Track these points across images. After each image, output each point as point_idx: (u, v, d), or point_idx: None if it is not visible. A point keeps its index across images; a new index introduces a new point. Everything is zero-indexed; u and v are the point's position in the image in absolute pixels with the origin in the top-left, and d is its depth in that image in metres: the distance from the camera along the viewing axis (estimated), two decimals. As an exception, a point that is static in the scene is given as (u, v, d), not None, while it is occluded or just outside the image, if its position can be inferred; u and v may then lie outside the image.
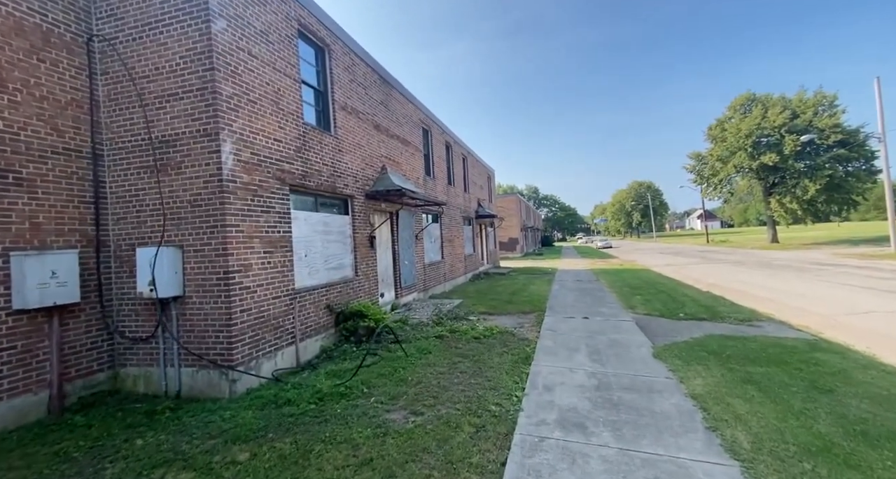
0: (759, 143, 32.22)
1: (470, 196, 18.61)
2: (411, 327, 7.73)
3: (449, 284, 14.24)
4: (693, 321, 8.37)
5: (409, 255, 10.60)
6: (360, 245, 7.99)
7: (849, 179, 29.45)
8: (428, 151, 13.23)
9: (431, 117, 13.36)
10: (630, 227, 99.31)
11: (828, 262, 18.75)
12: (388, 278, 9.40)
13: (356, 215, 7.90)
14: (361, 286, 7.90)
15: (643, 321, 8.59)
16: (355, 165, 7.97)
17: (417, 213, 11.44)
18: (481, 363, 5.73)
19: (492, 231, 23.67)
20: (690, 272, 18.10)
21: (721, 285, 13.32)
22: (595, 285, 14.85)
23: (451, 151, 15.90)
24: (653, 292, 12.39)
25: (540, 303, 11.04)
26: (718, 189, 37.06)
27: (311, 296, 6.25)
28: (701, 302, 10.23)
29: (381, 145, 9.31)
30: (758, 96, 34.59)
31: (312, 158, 6.54)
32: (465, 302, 11.14)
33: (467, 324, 8.40)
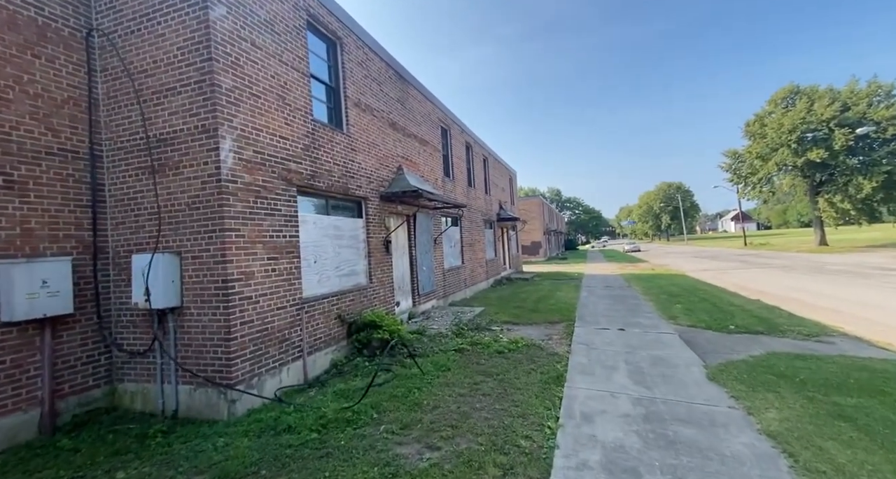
0: (805, 138, 29.91)
1: (491, 198, 17.95)
2: (429, 339, 7.15)
3: (470, 290, 13.61)
4: (748, 335, 7.40)
5: (428, 260, 10.06)
6: (375, 250, 7.50)
7: (907, 175, 26.81)
8: (447, 152, 12.71)
9: (451, 116, 12.85)
10: (658, 230, 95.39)
11: (893, 266, 16.88)
12: (405, 284, 8.89)
13: (370, 218, 7.43)
14: (376, 294, 7.40)
15: (688, 334, 7.68)
16: (369, 166, 7.52)
17: (436, 216, 10.91)
18: (507, 383, 5.08)
19: (514, 235, 22.88)
20: (732, 278, 16.70)
21: (771, 293, 12.06)
22: (627, 291, 13.84)
23: (472, 151, 15.32)
24: (694, 299, 11.32)
25: (568, 312, 10.24)
26: (757, 189, 34.72)
27: (320, 305, 5.79)
28: (753, 312, 9.16)
29: (398, 145, 8.85)
30: (802, 89, 32.25)
31: (322, 158, 6.11)
32: (487, 310, 10.48)
33: (490, 335, 7.75)
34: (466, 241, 13.72)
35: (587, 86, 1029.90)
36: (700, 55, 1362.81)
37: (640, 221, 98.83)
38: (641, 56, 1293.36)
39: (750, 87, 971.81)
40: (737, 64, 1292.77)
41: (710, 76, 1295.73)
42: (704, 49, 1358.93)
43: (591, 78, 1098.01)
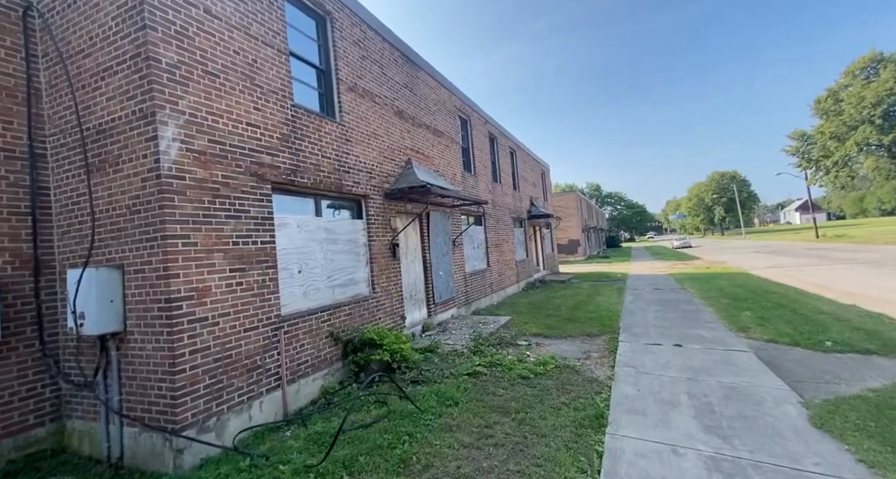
0: (893, 112, 25.75)
1: (520, 194, 16.59)
2: (440, 359, 6.09)
3: (497, 295, 12.39)
4: (854, 356, 5.68)
5: (445, 264, 9.00)
6: (379, 255, 6.56)
7: None
8: (468, 144, 11.60)
9: (471, 105, 11.72)
10: (711, 223, 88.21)
11: None
12: (417, 292, 7.89)
13: (372, 219, 6.50)
14: (380, 305, 6.45)
15: (767, 353, 6.06)
16: (370, 159, 6.60)
17: (455, 214, 9.83)
18: (528, 427, 3.91)
19: (548, 233, 21.28)
20: (809, 276, 14.20)
21: (865, 295, 9.83)
22: (681, 294, 12.01)
23: (497, 143, 14.09)
24: (767, 305, 9.42)
25: (610, 321, 8.78)
26: (832, 173, 30.45)
27: (306, 323, 4.91)
28: (852, 322, 7.26)
29: (406, 136, 7.87)
30: (886, 56, 27.87)
31: (307, 149, 5.24)
32: (514, 320, 9.24)
33: (514, 353, 6.56)
34: (492, 241, 12.52)
35: (621, 79, 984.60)
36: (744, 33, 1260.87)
37: (690, 215, 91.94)
38: (678, 43, 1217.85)
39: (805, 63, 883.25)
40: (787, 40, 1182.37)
41: (754, 57, 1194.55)
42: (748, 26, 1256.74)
43: (625, 70, 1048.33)
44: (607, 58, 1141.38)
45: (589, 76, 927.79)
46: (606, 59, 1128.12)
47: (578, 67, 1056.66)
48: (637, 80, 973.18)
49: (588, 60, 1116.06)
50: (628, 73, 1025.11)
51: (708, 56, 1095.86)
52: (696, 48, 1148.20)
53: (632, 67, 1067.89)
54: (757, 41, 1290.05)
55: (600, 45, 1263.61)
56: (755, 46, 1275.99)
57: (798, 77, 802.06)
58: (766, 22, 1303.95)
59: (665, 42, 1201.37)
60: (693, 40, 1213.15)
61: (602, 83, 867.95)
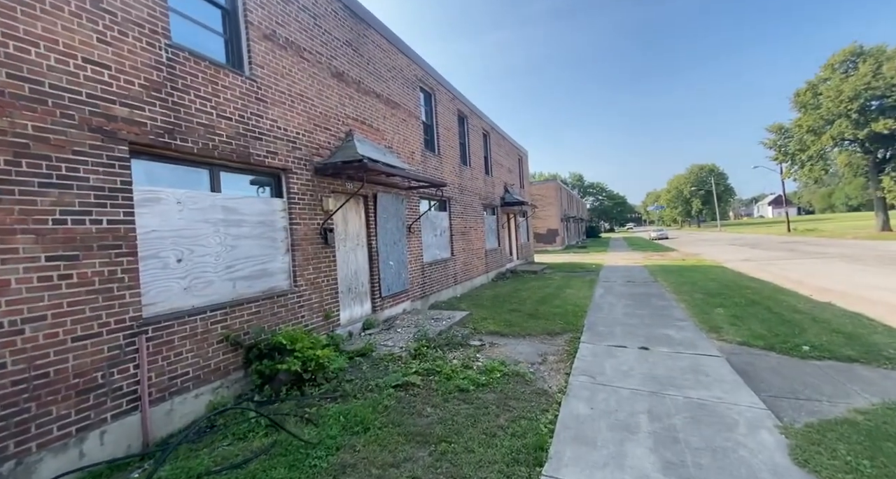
0: (869, 107, 25.79)
1: (494, 180, 15.66)
2: (370, 365, 5.19)
3: (461, 287, 11.56)
4: (834, 363, 5.07)
5: (398, 252, 8.04)
6: (304, 241, 5.54)
7: None
8: (431, 121, 10.52)
9: (436, 77, 10.59)
10: (688, 215, 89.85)
11: None
12: (359, 285, 6.92)
13: (296, 198, 5.44)
14: (305, 301, 5.47)
15: (741, 358, 5.41)
16: (294, 126, 5.49)
17: (412, 197, 8.83)
18: (447, 465, 3.06)
19: (523, 221, 20.53)
20: (783, 271, 13.92)
21: (841, 291, 9.43)
22: (653, 288, 11.46)
23: (467, 123, 13.03)
24: (741, 301, 8.88)
25: (576, 318, 8.06)
26: (807, 167, 30.64)
27: (187, 325, 3.89)
28: (829, 322, 6.71)
29: (347, 103, 6.76)
30: (867, 50, 27.78)
31: (194, 105, 4.12)
32: (472, 315, 8.42)
33: (461, 356, 5.71)
34: (458, 228, 11.60)
35: (608, 68, 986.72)
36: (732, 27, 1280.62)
37: (668, 207, 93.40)
38: (666, 35, 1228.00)
39: (788, 61, 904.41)
40: (774, 36, 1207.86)
41: (742, 52, 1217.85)
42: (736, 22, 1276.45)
43: (612, 60, 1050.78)
44: (594, 47, 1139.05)
45: (575, 65, 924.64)
46: (593, 48, 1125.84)
47: (566, 55, 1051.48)
48: (623, 71, 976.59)
49: (574, 49, 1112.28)
50: (615, 64, 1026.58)
51: (696, 49, 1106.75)
52: (684, 41, 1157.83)
53: (618, 58, 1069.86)
54: (744, 37, 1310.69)
55: (587, 34, 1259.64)
56: (741, 42, 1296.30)
57: (781, 73, 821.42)
58: (753, 18, 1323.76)
59: (650, 34, 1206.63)
60: (680, 34, 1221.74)
61: (588, 73, 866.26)
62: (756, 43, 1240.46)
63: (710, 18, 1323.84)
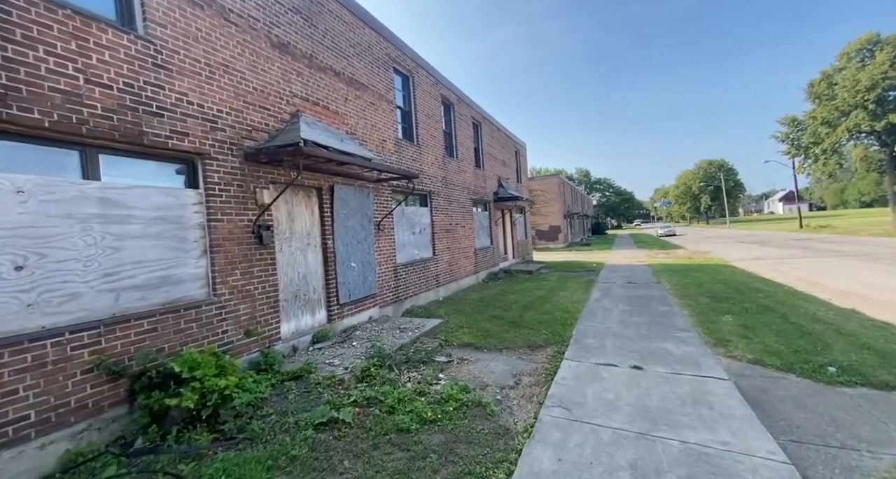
0: (886, 97, 24.35)
1: (486, 173, 14.68)
2: (301, 393, 4.29)
3: (445, 289, 10.64)
4: (869, 392, 4.10)
5: (363, 253, 7.14)
6: (228, 241, 4.65)
7: None
8: (409, 107, 9.56)
9: (414, 59, 9.62)
10: (697, 212, 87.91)
11: None
12: (310, 291, 6.03)
13: (216, 189, 4.55)
14: (230, 313, 4.58)
15: (753, 382, 4.46)
16: (214, 102, 4.59)
17: (382, 191, 7.91)
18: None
19: (520, 218, 19.52)
20: (796, 270, 12.83)
21: (866, 297, 8.38)
22: (655, 290, 10.46)
23: (454, 111, 12.05)
24: (751, 307, 7.87)
25: (563, 326, 7.12)
26: (821, 161, 29.20)
27: (26, 354, 3.02)
28: (857, 337, 5.70)
29: (294, 79, 5.84)
30: (884, 38, 26.24)
31: (45, 66, 3.23)
32: (449, 322, 7.51)
33: (417, 379, 4.80)
34: (441, 226, 10.67)
35: (614, 66, 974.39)
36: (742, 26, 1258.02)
37: (677, 203, 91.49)
38: (670, 33, 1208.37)
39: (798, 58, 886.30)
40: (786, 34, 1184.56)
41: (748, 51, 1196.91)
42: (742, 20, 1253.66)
43: (618, 58, 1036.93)
44: (601, 44, 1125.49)
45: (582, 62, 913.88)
46: (600, 45, 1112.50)
47: (571, 52, 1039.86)
48: (630, 68, 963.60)
49: (581, 46, 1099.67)
50: (622, 61, 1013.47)
51: (703, 48, 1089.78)
52: (690, 39, 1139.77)
53: (625, 55, 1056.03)
54: (751, 35, 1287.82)
55: (593, 31, 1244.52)
56: (750, 40, 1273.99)
57: (789, 72, 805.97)
58: (760, 16, 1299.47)
59: (657, 31, 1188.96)
60: (685, 31, 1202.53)
61: (595, 70, 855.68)
62: (767, 42, 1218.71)
63: (723, 16, 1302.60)
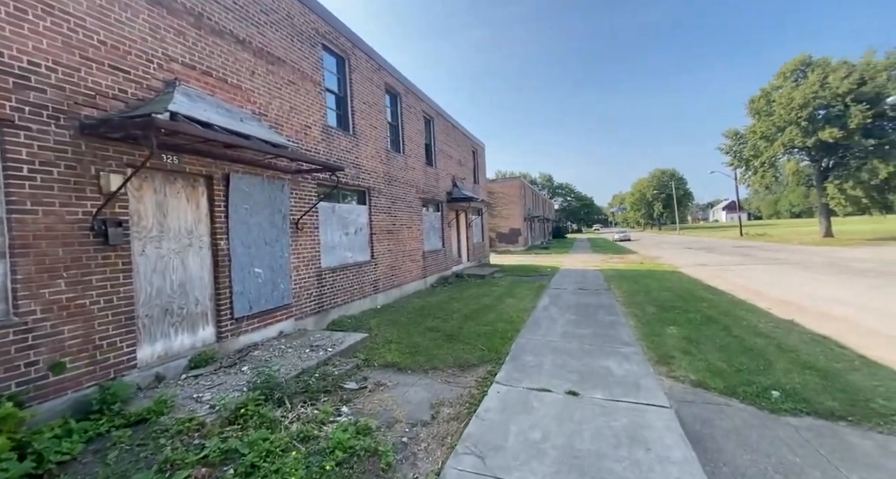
0: (816, 115, 26.25)
1: (438, 172, 13.89)
2: (126, 451, 3.20)
3: (385, 295, 9.69)
4: (815, 422, 3.67)
5: (273, 256, 6.06)
6: (47, 241, 3.48)
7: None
8: (344, 92, 8.54)
9: (351, 39, 8.63)
10: (651, 218, 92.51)
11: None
12: (188, 303, 4.89)
13: (25, 170, 3.37)
14: (43, 339, 3.41)
15: (695, 410, 3.93)
16: (25, 52, 3.41)
17: (303, 184, 6.85)
18: None
19: (477, 220, 18.93)
20: (738, 277, 13.10)
21: (802, 307, 8.41)
22: (604, 297, 10.10)
23: (401, 102, 11.15)
24: (696, 317, 7.59)
25: (503, 340, 6.42)
26: (760, 173, 31.12)
27: None
28: (798, 354, 5.41)
29: (172, 40, 4.70)
30: (815, 60, 28.37)
31: None
32: (376, 337, 6.59)
33: (307, 418, 3.85)
34: (382, 226, 9.72)
35: (579, 74, 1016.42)
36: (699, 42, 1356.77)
37: (632, 209, 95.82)
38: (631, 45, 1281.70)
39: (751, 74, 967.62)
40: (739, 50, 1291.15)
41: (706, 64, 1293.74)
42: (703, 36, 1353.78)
43: (584, 66, 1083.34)
44: (566, 52, 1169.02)
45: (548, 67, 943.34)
46: (565, 53, 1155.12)
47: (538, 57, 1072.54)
48: (594, 76, 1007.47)
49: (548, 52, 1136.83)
50: (588, 69, 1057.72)
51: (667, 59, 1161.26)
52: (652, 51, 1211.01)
53: (590, 64, 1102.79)
54: (708, 51, 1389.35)
55: (559, 40, 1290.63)
56: (706, 56, 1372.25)
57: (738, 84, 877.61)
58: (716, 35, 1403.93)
59: (620, 44, 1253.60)
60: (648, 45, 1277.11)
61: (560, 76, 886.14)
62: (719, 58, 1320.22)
63: (679, 34, 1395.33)
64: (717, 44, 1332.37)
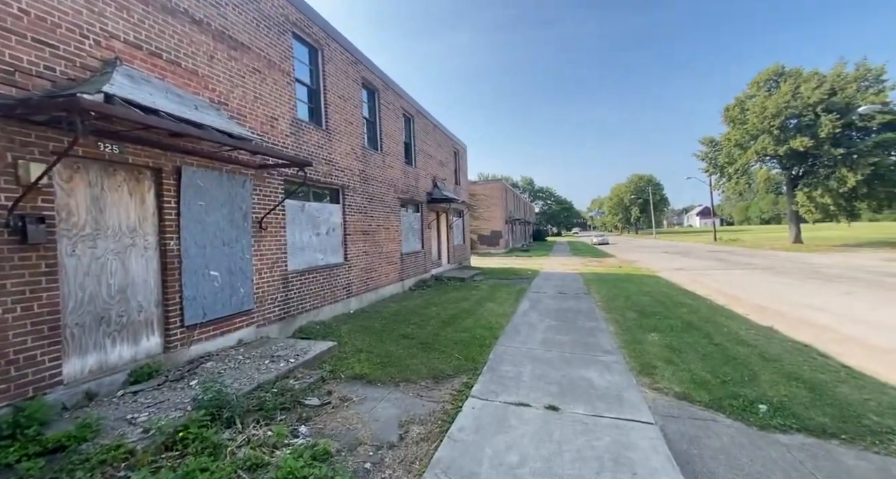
0: (788, 125, 27.19)
1: (418, 172, 13.52)
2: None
3: (359, 299, 9.24)
4: (806, 440, 3.47)
5: (231, 257, 5.56)
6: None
7: (893, 168, 24.51)
8: (317, 85, 8.08)
9: (325, 29, 8.18)
10: (628, 222, 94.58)
11: (901, 273, 13.88)
12: (130, 310, 4.36)
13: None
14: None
15: (681, 427, 3.69)
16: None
17: (266, 180, 6.36)
18: None
19: (458, 221, 18.64)
20: (715, 282, 13.24)
21: (780, 313, 8.44)
22: (584, 302, 9.94)
23: (378, 98, 10.73)
24: (677, 323, 7.47)
25: (481, 348, 6.10)
26: (734, 180, 32.05)
27: None
28: (782, 363, 5.29)
29: (113, 15, 4.19)
30: (787, 70, 29.43)
31: None
32: (343, 346, 6.17)
33: (258, 441, 3.41)
34: (357, 226, 9.27)
35: (560, 80, 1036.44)
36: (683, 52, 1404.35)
37: (610, 214, 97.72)
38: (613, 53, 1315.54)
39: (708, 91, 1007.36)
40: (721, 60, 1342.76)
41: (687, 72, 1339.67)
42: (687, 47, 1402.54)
43: (566, 72, 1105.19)
44: (548, 58, 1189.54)
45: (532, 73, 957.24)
46: (547, 59, 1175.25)
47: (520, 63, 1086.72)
48: (576, 82, 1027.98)
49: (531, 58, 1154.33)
50: (570, 76, 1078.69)
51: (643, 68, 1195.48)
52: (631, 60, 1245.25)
53: (568, 70, 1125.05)
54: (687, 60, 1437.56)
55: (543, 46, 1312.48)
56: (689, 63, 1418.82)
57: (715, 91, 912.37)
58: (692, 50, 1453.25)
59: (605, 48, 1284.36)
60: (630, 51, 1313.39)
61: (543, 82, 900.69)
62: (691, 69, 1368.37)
63: (665, 44, 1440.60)
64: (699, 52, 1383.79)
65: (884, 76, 25.58)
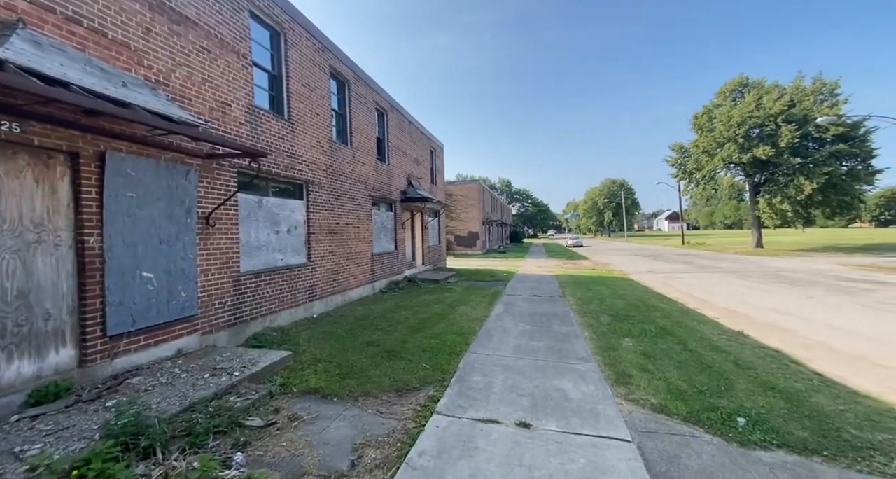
0: (752, 134, 28.38)
1: (392, 169, 13.01)
2: None
3: (324, 303, 8.66)
4: (787, 456, 3.26)
5: (170, 256, 4.92)
6: None
7: (845, 178, 26.02)
8: (278, 71, 7.48)
9: (289, 12, 7.58)
10: (601, 225, 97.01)
11: (858, 277, 14.53)
12: (33, 318, 3.69)
13: None
14: None
15: (660, 442, 3.42)
16: None
17: (215, 171, 5.73)
18: None
19: (434, 222, 18.22)
20: (685, 285, 13.42)
21: (748, 317, 8.50)
22: (558, 305, 9.74)
23: (349, 91, 10.18)
24: (651, 328, 7.33)
25: (449, 356, 5.70)
26: (701, 185, 33.23)
27: None
28: (756, 370, 5.17)
29: (16, -31, 3.53)
30: (751, 81, 30.78)
31: None
32: (299, 355, 5.62)
33: (181, 474, 2.88)
34: (323, 224, 8.69)
35: (540, 83, 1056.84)
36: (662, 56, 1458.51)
37: (584, 217, 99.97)
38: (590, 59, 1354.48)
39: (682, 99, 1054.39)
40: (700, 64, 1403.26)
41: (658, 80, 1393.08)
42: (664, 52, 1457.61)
43: (546, 76, 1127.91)
44: (527, 62, 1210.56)
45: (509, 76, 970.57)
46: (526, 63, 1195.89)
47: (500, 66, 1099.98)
48: (554, 86, 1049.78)
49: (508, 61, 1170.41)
50: (549, 79, 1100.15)
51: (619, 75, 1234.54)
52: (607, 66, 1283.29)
53: (550, 74, 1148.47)
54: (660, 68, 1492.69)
55: (521, 50, 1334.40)
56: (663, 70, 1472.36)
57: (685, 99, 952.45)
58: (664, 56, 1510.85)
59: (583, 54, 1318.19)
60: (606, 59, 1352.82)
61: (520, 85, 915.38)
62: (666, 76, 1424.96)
63: (643, 47, 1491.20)
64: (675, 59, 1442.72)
65: (837, 90, 27.11)
